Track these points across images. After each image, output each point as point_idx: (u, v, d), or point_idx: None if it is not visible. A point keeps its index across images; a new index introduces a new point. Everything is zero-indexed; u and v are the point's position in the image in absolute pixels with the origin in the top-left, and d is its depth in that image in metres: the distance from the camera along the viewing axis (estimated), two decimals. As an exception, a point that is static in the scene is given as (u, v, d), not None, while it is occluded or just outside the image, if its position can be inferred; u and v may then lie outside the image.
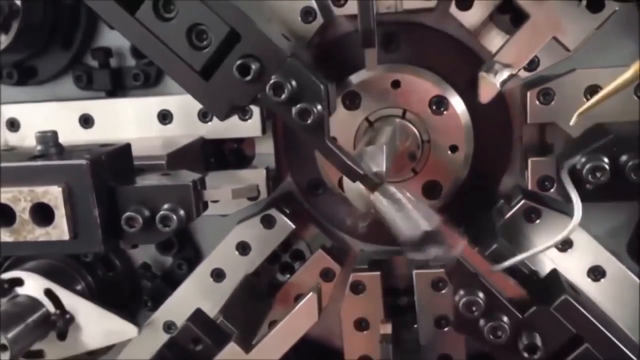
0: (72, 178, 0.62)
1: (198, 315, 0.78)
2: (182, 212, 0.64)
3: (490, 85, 0.63)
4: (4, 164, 0.63)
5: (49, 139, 0.66)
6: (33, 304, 0.85)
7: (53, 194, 0.62)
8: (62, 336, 0.87)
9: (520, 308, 0.67)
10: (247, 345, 0.75)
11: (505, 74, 0.63)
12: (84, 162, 0.62)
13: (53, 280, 0.87)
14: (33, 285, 0.86)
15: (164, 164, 0.72)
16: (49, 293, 0.86)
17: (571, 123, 0.62)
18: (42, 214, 0.63)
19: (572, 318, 0.66)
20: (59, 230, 0.63)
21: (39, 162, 0.64)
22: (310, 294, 0.74)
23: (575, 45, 0.63)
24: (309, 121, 0.62)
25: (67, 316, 0.86)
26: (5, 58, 0.86)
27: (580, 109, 0.61)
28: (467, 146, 0.82)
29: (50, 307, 0.86)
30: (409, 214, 0.61)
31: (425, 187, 0.83)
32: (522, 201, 0.81)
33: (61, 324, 0.85)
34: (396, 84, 0.81)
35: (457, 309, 0.67)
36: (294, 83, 0.61)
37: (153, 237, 0.65)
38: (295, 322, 0.74)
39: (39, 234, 0.63)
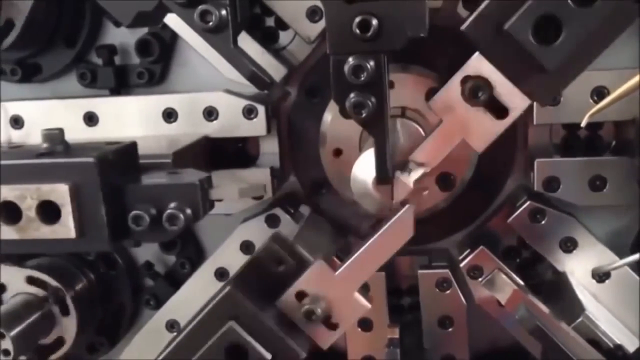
0: (79, 176, 0.62)
1: (279, 238, 0.74)
2: (188, 211, 0.64)
3: (403, 185, 0.66)
4: (10, 162, 0.63)
5: (55, 137, 0.66)
6: (31, 301, 0.85)
7: (60, 192, 0.62)
8: (65, 311, 0.87)
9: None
10: (334, 264, 0.70)
11: (419, 173, 0.66)
12: (91, 160, 0.62)
13: (54, 278, 0.87)
14: (15, 283, 0.86)
15: (170, 163, 0.72)
16: (31, 280, 0.86)
17: (582, 124, 0.62)
18: (49, 212, 0.62)
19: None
20: (66, 228, 0.62)
21: (46, 160, 0.64)
22: (407, 206, 0.66)
23: (483, 147, 0.65)
24: (210, 24, 0.61)
25: (59, 292, 0.86)
26: (9, 55, 0.86)
27: (592, 111, 0.61)
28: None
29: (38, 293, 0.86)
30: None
31: (439, 179, 0.84)
32: (528, 202, 0.80)
33: (53, 299, 0.85)
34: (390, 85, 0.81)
35: None
36: None
37: (159, 235, 0.65)
38: (389, 236, 0.67)
39: (45, 232, 0.63)
